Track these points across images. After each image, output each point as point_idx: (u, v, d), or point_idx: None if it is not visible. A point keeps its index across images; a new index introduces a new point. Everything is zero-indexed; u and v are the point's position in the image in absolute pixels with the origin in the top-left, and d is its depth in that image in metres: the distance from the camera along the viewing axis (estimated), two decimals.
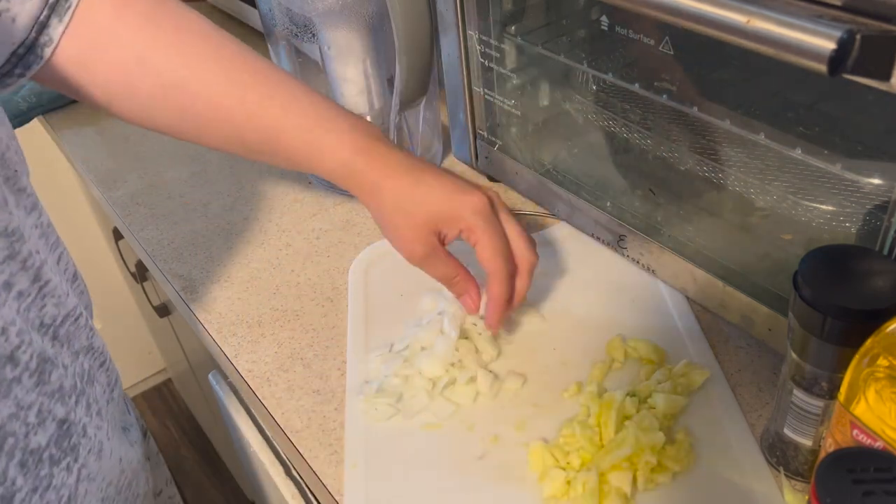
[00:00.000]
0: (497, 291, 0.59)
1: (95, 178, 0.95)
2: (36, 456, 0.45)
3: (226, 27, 0.60)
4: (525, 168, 0.76)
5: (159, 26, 0.56)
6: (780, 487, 0.53)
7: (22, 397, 0.44)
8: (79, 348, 0.52)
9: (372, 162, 0.58)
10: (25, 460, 0.44)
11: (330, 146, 0.58)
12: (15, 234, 0.45)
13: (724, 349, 0.63)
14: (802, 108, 0.59)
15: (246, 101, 0.58)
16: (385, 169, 0.58)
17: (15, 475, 0.44)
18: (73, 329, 0.51)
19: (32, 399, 0.45)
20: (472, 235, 0.58)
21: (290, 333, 0.70)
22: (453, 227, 0.59)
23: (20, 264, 0.45)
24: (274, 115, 0.58)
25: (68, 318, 0.51)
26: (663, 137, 0.67)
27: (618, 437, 0.54)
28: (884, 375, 0.39)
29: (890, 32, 0.40)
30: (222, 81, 0.57)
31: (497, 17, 0.72)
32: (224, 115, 0.58)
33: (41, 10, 0.53)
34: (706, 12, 0.45)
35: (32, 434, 0.45)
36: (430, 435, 0.59)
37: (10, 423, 0.43)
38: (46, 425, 0.46)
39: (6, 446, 0.43)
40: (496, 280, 0.59)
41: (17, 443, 0.44)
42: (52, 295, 0.48)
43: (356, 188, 0.60)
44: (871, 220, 0.54)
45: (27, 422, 0.45)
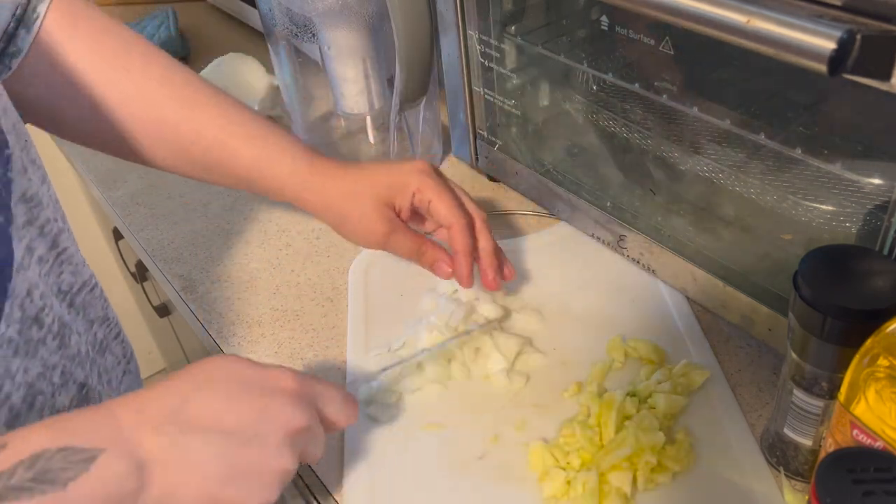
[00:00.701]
0: (463, 242, 0.61)
1: (95, 178, 0.95)
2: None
3: (226, 27, 0.60)
4: (525, 168, 0.76)
5: (107, 46, 0.58)
6: (780, 487, 0.53)
7: (47, 358, 0.47)
8: (94, 317, 0.54)
9: (313, 167, 0.61)
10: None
11: (274, 160, 0.61)
12: (33, 199, 0.47)
13: (724, 349, 0.63)
14: (802, 108, 0.59)
15: (193, 119, 0.60)
16: (326, 171, 0.61)
17: None
18: (89, 298, 0.53)
19: (56, 361, 0.48)
20: (425, 194, 0.60)
21: (290, 333, 0.70)
22: (405, 195, 0.60)
23: (38, 230, 0.47)
24: (220, 131, 0.60)
25: (84, 287, 0.53)
26: (663, 137, 0.67)
27: (618, 437, 0.54)
28: (884, 375, 0.39)
29: (890, 32, 0.40)
30: (169, 99, 0.59)
31: (497, 17, 0.72)
32: (171, 133, 0.60)
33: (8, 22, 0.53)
34: (706, 12, 0.45)
35: (57, 394, 0.47)
36: (431, 435, 0.59)
37: (38, 382, 0.46)
38: (68, 387, 0.49)
39: (37, 404, 0.45)
40: (459, 231, 0.61)
41: (45, 401, 0.46)
42: (69, 262, 0.51)
43: (302, 199, 0.62)
44: (871, 220, 0.53)
45: (52, 382, 0.47)
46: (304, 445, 0.46)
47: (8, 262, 0.44)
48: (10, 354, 0.43)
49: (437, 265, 0.63)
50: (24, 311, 0.45)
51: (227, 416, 0.43)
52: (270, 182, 0.62)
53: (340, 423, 0.49)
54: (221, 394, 0.44)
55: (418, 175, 0.60)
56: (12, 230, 0.44)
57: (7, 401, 0.43)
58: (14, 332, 0.43)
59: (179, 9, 1.25)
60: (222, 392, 0.44)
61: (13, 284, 0.44)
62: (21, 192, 0.46)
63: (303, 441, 0.46)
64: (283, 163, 0.61)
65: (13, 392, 0.43)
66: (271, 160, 0.61)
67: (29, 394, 0.45)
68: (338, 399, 0.49)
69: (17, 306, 0.44)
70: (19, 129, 0.47)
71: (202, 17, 1.31)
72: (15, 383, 0.43)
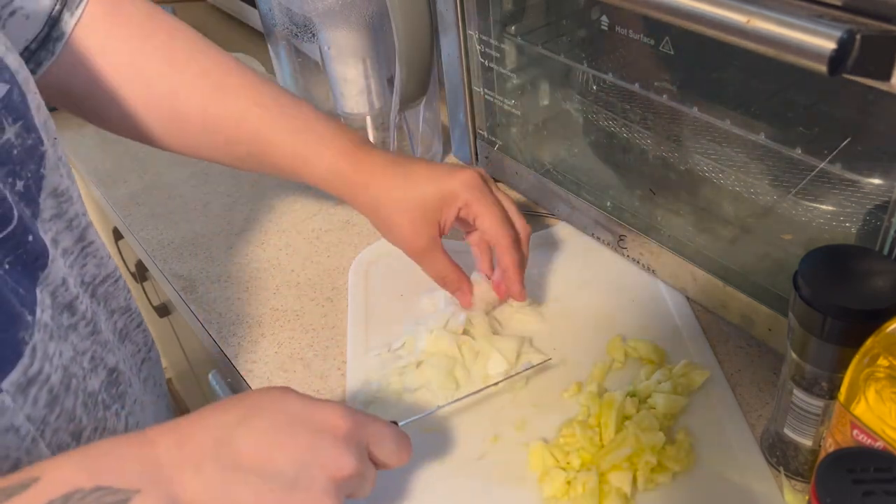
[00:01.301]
0: (510, 259, 0.60)
1: (95, 178, 0.95)
2: (93, 398, 0.48)
3: (226, 27, 0.60)
4: (525, 168, 0.76)
5: (150, 36, 0.58)
6: (780, 487, 0.53)
7: (77, 343, 0.48)
8: (115, 307, 0.55)
9: (358, 164, 0.59)
10: (86, 401, 0.48)
11: (316, 151, 0.59)
12: (63, 195, 0.48)
13: (724, 349, 0.63)
14: (802, 108, 0.59)
15: (234, 109, 0.59)
16: (372, 170, 0.59)
17: (81, 414, 0.47)
18: (112, 290, 0.54)
19: (87, 346, 0.49)
20: (472, 209, 0.59)
21: (290, 333, 0.70)
22: (452, 208, 0.59)
23: (67, 223, 0.48)
24: (261, 122, 0.59)
25: (108, 279, 0.54)
26: (663, 137, 0.67)
27: (618, 437, 0.54)
28: (884, 375, 0.39)
29: (890, 32, 0.40)
30: (211, 90, 0.59)
31: (497, 17, 0.72)
32: (212, 124, 0.59)
33: (53, 5, 0.53)
34: (706, 12, 0.45)
35: (89, 378, 0.48)
36: (430, 435, 0.59)
37: (71, 366, 0.46)
38: (98, 371, 0.50)
39: (72, 386, 0.46)
40: (506, 248, 0.60)
41: (78, 384, 0.47)
42: (93, 255, 0.52)
43: (345, 191, 0.60)
44: (871, 220, 0.53)
45: (83, 366, 0.48)
46: (353, 490, 0.44)
47: (43, 252, 0.45)
48: (47, 339, 0.44)
49: (459, 294, 0.63)
50: (55, 298, 0.46)
51: (272, 455, 0.41)
52: (311, 177, 0.60)
53: (392, 465, 0.46)
54: (267, 430, 0.41)
55: (466, 190, 0.58)
56: (38, 223, 0.45)
57: (47, 382, 0.44)
58: (48, 318, 0.44)
59: (179, 9, 1.25)
60: (268, 428, 0.41)
61: (46, 272, 0.45)
62: (52, 187, 0.47)
63: (351, 486, 0.43)
64: (324, 157, 0.59)
65: (52, 374, 0.44)
66: (312, 154, 0.59)
67: (65, 376, 0.45)
68: (390, 439, 0.46)
69: (49, 294, 0.45)
70: (49, 126, 0.47)
71: (202, 17, 1.31)
72: (53, 365, 0.44)
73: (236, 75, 0.60)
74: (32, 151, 0.45)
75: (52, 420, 0.44)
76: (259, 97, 0.59)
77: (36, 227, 0.45)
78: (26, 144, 0.44)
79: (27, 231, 0.43)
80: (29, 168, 0.44)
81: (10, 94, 0.43)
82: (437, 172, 0.59)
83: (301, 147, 0.59)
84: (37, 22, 0.53)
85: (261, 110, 0.59)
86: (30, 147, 0.45)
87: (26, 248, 0.43)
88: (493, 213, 0.59)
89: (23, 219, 0.43)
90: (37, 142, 0.45)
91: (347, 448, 0.42)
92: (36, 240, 0.44)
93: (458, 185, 0.58)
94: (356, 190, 0.60)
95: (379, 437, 0.45)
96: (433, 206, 0.59)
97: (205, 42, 0.60)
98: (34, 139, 0.45)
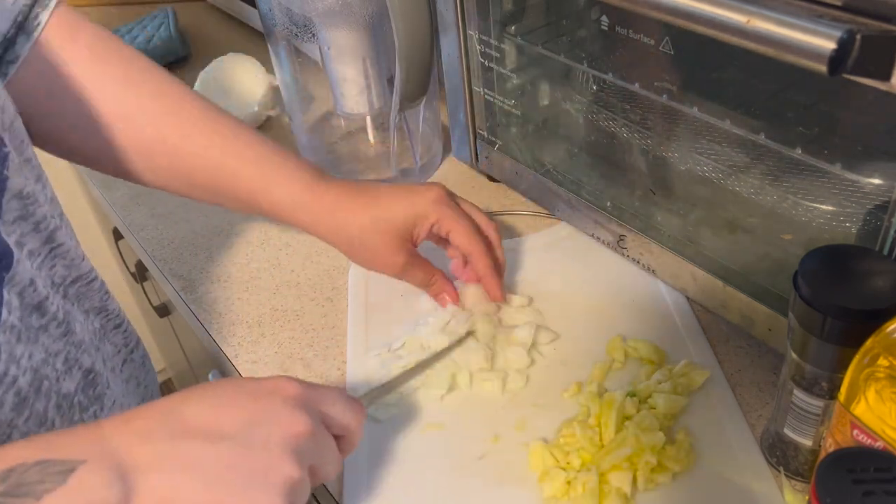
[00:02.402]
0: (484, 265, 0.63)
1: (95, 178, 0.95)
2: (68, 400, 0.48)
3: (226, 27, 0.60)
4: (525, 168, 0.76)
5: (106, 60, 0.57)
6: (780, 487, 0.53)
7: (49, 345, 0.47)
8: (89, 308, 0.54)
9: (320, 193, 0.61)
10: (60, 403, 0.47)
11: (277, 181, 0.60)
12: (29, 197, 0.47)
13: (724, 349, 0.63)
14: (802, 108, 0.59)
15: (192, 137, 0.59)
16: (336, 197, 0.61)
17: (53, 416, 0.46)
18: (85, 290, 0.54)
19: (59, 347, 0.48)
20: (444, 225, 0.61)
21: (290, 333, 0.70)
22: (423, 226, 0.61)
23: (33, 226, 0.48)
24: (221, 152, 0.59)
25: (80, 280, 0.53)
26: (663, 137, 0.67)
27: (618, 437, 0.54)
28: (884, 375, 0.39)
29: (890, 32, 0.40)
30: (169, 118, 0.59)
31: (497, 17, 0.72)
32: (171, 150, 0.59)
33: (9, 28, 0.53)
34: (706, 12, 0.45)
35: (62, 380, 0.48)
36: (431, 435, 0.59)
37: (43, 368, 0.46)
38: (73, 373, 0.49)
39: (43, 389, 0.46)
40: (479, 257, 0.63)
41: (51, 386, 0.46)
42: (63, 257, 0.51)
43: (308, 220, 0.61)
44: (871, 220, 0.53)
45: (56, 368, 0.47)
46: (313, 458, 0.43)
47: (7, 252, 0.44)
48: (14, 340, 0.44)
49: (441, 297, 0.66)
50: (23, 299, 0.45)
51: (223, 419, 0.40)
52: (273, 206, 0.61)
53: (348, 424, 0.46)
54: (216, 396, 0.42)
55: (436, 206, 0.61)
56: (1, 225, 0.45)
57: (14, 384, 0.43)
58: (16, 319, 0.44)
59: (179, 9, 1.25)
60: (217, 395, 0.42)
61: (12, 273, 0.44)
62: (17, 189, 0.46)
63: (309, 449, 0.42)
64: (285, 187, 0.60)
65: (20, 376, 0.44)
66: (273, 184, 0.60)
67: (35, 378, 0.45)
68: (340, 400, 0.46)
69: (17, 294, 0.44)
70: (17, 127, 0.47)
71: (202, 17, 1.31)
72: (21, 367, 0.44)
73: (193, 104, 0.60)
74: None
75: (21, 423, 0.44)
76: (218, 127, 0.60)
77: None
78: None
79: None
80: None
81: None
82: (404, 193, 0.62)
83: (262, 177, 0.60)
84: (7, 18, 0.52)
85: (221, 140, 0.60)
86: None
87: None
88: (463, 225, 0.62)
89: None
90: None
91: (297, 407, 0.42)
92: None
93: (428, 204, 0.61)
94: (320, 217, 0.61)
95: (330, 400, 0.45)
96: (405, 225, 0.61)
97: (160, 70, 0.60)
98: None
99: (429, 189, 0.62)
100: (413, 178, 0.85)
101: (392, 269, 0.63)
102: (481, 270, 0.64)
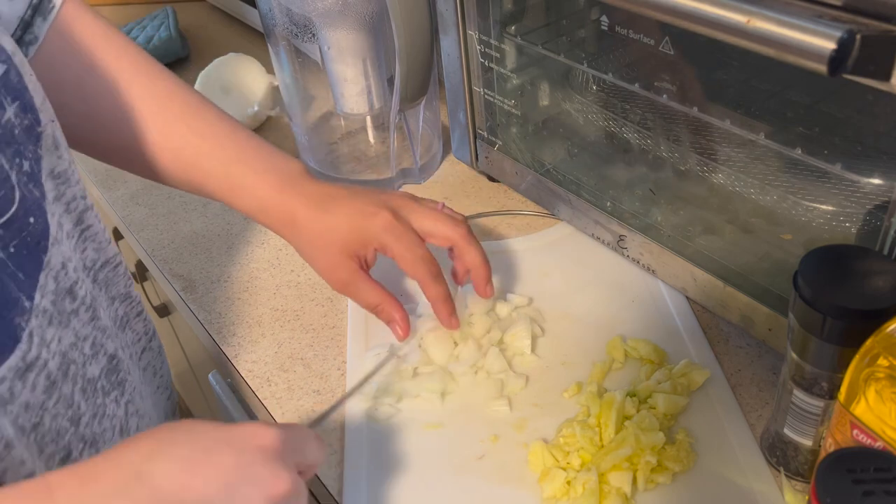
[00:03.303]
0: (432, 293, 0.61)
1: (95, 178, 0.95)
2: (92, 385, 0.48)
3: (226, 27, 0.60)
4: (525, 168, 0.76)
5: (97, 54, 0.57)
6: (780, 487, 0.53)
7: (79, 329, 0.47)
8: (115, 294, 0.55)
9: (285, 198, 0.60)
10: (85, 387, 0.47)
11: (245, 184, 0.60)
12: (61, 176, 0.48)
13: (724, 349, 0.63)
14: (802, 108, 0.59)
15: (170, 137, 0.59)
16: (296, 204, 0.60)
17: (79, 400, 0.47)
18: (112, 275, 0.54)
19: (87, 332, 0.48)
20: (388, 252, 0.60)
21: (290, 333, 0.70)
22: (368, 249, 0.60)
23: (65, 206, 0.48)
24: (196, 153, 0.60)
25: (108, 265, 0.54)
26: (663, 137, 0.67)
27: (618, 437, 0.54)
28: (884, 375, 0.39)
29: (890, 32, 0.40)
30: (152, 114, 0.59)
31: (497, 17, 0.72)
32: (150, 147, 0.59)
33: (25, 9, 0.53)
34: (706, 12, 0.45)
35: (88, 364, 0.48)
36: (431, 435, 0.59)
37: (71, 352, 0.46)
38: (99, 358, 0.49)
39: (70, 373, 0.46)
40: (426, 285, 0.60)
41: (77, 370, 0.47)
42: (93, 240, 0.52)
43: (273, 225, 0.61)
44: (871, 220, 0.54)
45: (83, 352, 0.48)
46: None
47: (45, 235, 0.44)
48: (46, 324, 0.44)
49: (392, 325, 0.62)
50: (58, 283, 0.45)
51: (197, 481, 0.35)
52: (243, 208, 0.61)
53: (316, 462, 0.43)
54: (186, 457, 0.36)
55: (381, 233, 0.59)
56: (45, 205, 0.45)
57: (45, 368, 0.44)
58: (48, 303, 0.44)
59: (179, 9, 1.25)
60: (187, 454, 0.36)
61: (48, 256, 0.44)
62: (50, 168, 0.47)
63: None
64: (252, 190, 0.60)
65: (49, 360, 0.44)
66: (241, 186, 0.60)
67: (63, 362, 0.45)
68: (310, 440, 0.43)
69: (52, 278, 0.45)
70: (46, 107, 0.48)
71: (202, 17, 1.31)
72: (50, 351, 0.44)
73: (179, 101, 0.60)
74: (30, 132, 0.45)
75: (51, 406, 0.44)
76: (198, 126, 0.60)
77: (43, 208, 0.45)
78: (24, 125, 0.44)
79: (28, 213, 0.43)
80: (29, 148, 0.45)
81: (7, 75, 0.43)
82: (353, 214, 0.59)
83: (231, 178, 0.60)
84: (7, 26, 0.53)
85: (198, 140, 0.60)
86: (27, 127, 0.45)
87: (29, 230, 0.43)
88: (408, 255, 0.59)
89: (25, 201, 0.43)
90: (33, 122, 0.45)
91: (278, 464, 0.38)
92: (38, 222, 0.44)
93: (375, 228, 0.59)
94: (283, 224, 0.61)
95: (302, 443, 0.42)
96: (351, 243, 0.59)
97: (153, 65, 0.60)
98: (31, 119, 0.45)
99: (378, 215, 0.59)
100: (413, 178, 0.85)
101: (335, 284, 0.61)
102: (431, 298, 0.61)
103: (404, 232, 0.60)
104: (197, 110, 0.61)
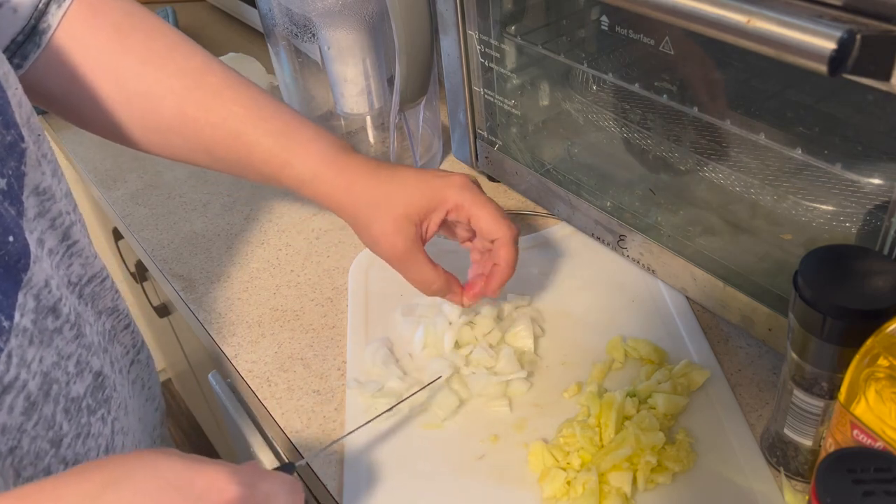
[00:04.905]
0: (508, 255, 0.58)
1: (95, 178, 0.95)
2: (76, 404, 0.47)
3: (226, 27, 0.60)
4: (525, 168, 0.76)
5: (128, 36, 0.56)
6: (780, 487, 0.53)
7: (62, 347, 0.46)
8: (102, 308, 0.54)
9: (340, 167, 0.58)
10: (68, 407, 0.47)
11: (297, 154, 0.58)
12: (46, 193, 0.47)
13: (724, 349, 0.63)
14: (802, 108, 0.59)
15: (212, 110, 0.57)
16: (355, 172, 0.58)
17: (61, 420, 0.46)
18: (99, 290, 0.53)
19: (72, 350, 0.47)
20: (465, 211, 0.57)
21: (290, 333, 0.70)
22: (439, 212, 0.57)
23: (50, 222, 0.47)
24: (241, 123, 0.57)
25: (94, 279, 0.53)
26: (663, 137, 0.67)
27: (618, 437, 0.54)
28: (884, 375, 0.39)
29: (890, 32, 0.40)
30: (188, 90, 0.57)
31: (497, 17, 0.72)
32: (190, 125, 0.57)
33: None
34: (706, 12, 0.45)
35: (72, 383, 0.47)
36: (430, 435, 0.59)
37: (53, 371, 0.45)
38: (84, 376, 0.49)
39: (52, 392, 0.45)
40: (505, 245, 0.58)
41: (60, 390, 0.46)
42: (79, 255, 0.51)
43: (325, 195, 0.59)
44: (871, 220, 0.53)
45: (67, 371, 0.47)
46: None
47: (25, 253, 0.43)
48: (26, 344, 0.43)
49: (451, 296, 0.61)
50: (38, 301, 0.44)
51: None
52: (291, 180, 0.59)
53: None
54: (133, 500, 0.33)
55: (457, 192, 0.57)
56: (24, 222, 0.44)
57: (24, 389, 0.43)
58: (28, 322, 0.43)
59: (179, 9, 1.25)
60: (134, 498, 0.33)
61: (29, 275, 0.43)
62: (34, 185, 0.46)
63: None
64: (305, 160, 0.58)
65: (29, 380, 0.43)
66: (292, 156, 0.58)
67: (45, 382, 0.44)
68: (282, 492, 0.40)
69: (32, 297, 0.43)
70: (33, 123, 0.47)
71: (202, 17, 1.31)
72: (31, 372, 0.43)
73: (216, 75, 0.58)
74: (12, 148, 0.44)
75: (30, 428, 0.43)
76: (239, 98, 0.58)
77: (20, 226, 0.43)
78: (6, 141, 0.43)
79: (7, 232, 0.41)
80: (9, 165, 0.43)
81: None
82: (426, 176, 0.58)
83: (281, 149, 0.58)
84: (23, 15, 0.52)
85: (242, 110, 0.57)
86: (9, 144, 0.43)
87: (7, 249, 0.41)
88: (490, 211, 0.57)
89: (2, 219, 0.41)
90: (17, 138, 0.44)
91: None
92: (17, 240, 0.42)
93: (449, 189, 0.57)
94: (337, 193, 0.58)
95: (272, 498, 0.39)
96: (418, 209, 0.57)
97: (186, 42, 0.59)
98: (13, 136, 0.44)
99: (453, 175, 0.58)
100: None
101: (391, 253, 0.57)
102: (503, 258, 0.58)
103: (480, 192, 0.58)
104: (238, 83, 0.59)
